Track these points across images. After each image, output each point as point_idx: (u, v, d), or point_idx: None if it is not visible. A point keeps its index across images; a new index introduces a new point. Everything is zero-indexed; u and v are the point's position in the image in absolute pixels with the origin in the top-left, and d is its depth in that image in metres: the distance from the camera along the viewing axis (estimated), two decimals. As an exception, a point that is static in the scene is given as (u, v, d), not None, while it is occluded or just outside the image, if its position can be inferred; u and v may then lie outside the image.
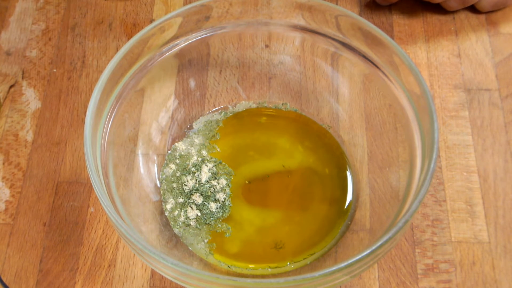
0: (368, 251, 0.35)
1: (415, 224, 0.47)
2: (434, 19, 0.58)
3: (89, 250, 0.47)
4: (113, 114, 0.44)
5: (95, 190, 0.38)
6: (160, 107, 0.50)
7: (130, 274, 0.46)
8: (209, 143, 0.50)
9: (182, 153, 0.49)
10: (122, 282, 0.45)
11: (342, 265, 0.34)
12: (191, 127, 0.51)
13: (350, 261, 0.34)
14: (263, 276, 0.44)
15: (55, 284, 0.45)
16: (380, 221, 0.43)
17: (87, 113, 0.40)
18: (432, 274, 0.45)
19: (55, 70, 0.56)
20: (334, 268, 0.34)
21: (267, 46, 0.51)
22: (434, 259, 0.46)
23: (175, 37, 0.47)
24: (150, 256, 0.36)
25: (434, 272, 0.45)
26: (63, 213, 0.48)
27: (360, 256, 0.35)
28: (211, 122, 0.51)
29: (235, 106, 0.52)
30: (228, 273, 0.44)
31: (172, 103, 0.50)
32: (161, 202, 0.47)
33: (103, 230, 0.47)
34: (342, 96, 0.50)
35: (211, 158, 0.49)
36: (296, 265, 0.44)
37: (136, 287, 0.45)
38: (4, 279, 0.45)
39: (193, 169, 0.48)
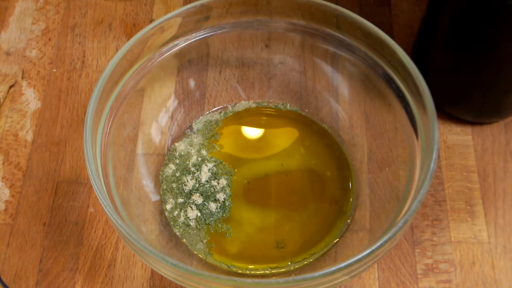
0: (368, 251, 0.35)
1: (415, 224, 0.47)
2: (434, 19, 0.57)
3: (89, 250, 0.47)
4: (113, 114, 0.44)
5: (95, 190, 0.38)
6: (160, 107, 0.50)
7: (130, 274, 0.46)
8: (209, 143, 0.50)
9: (182, 153, 0.49)
10: (122, 282, 0.45)
11: (342, 265, 0.34)
12: (190, 127, 0.51)
13: (350, 261, 0.34)
14: (263, 276, 0.44)
15: (55, 284, 0.45)
16: (380, 221, 0.43)
17: (87, 113, 0.40)
18: (432, 274, 0.45)
19: (55, 70, 0.56)
20: (334, 268, 0.34)
21: (267, 46, 0.51)
22: (434, 259, 0.46)
23: (175, 37, 0.46)
24: (150, 256, 0.36)
25: (434, 272, 0.45)
26: (63, 213, 0.48)
27: (360, 256, 0.35)
28: (211, 122, 0.51)
29: (234, 106, 0.52)
30: (228, 273, 0.44)
31: (172, 103, 0.50)
32: (161, 202, 0.47)
33: (103, 230, 0.47)
34: (342, 96, 0.50)
35: (211, 158, 0.49)
36: (296, 265, 0.44)
37: (136, 287, 0.45)
38: (4, 279, 0.45)
39: (193, 169, 0.48)
